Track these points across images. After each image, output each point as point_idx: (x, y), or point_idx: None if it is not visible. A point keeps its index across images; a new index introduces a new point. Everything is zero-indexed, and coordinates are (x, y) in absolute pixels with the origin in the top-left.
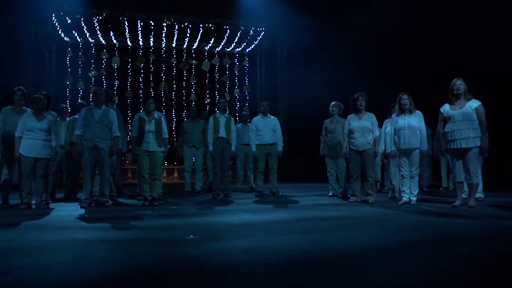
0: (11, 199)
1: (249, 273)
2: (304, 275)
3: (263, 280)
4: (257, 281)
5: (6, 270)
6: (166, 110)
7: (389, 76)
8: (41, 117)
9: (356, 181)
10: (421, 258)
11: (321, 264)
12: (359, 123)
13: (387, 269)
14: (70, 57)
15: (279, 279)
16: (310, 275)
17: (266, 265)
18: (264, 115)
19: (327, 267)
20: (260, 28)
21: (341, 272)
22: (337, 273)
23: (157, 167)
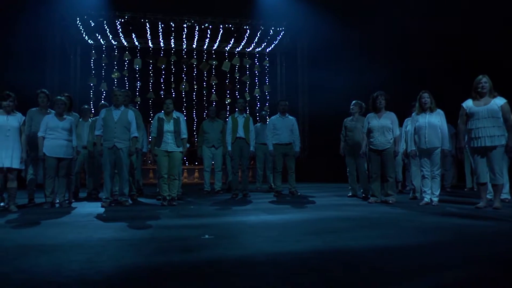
0: (37, 197)
1: (261, 273)
2: (316, 276)
3: (274, 280)
4: (269, 281)
5: (23, 267)
6: (187, 110)
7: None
8: (62, 118)
9: (376, 181)
10: (441, 261)
11: (334, 265)
12: (379, 122)
13: (403, 272)
14: (94, 59)
15: (291, 280)
16: (323, 276)
17: (279, 266)
18: (282, 114)
19: (341, 268)
20: (280, 27)
21: (354, 273)
22: (350, 274)
23: (175, 167)
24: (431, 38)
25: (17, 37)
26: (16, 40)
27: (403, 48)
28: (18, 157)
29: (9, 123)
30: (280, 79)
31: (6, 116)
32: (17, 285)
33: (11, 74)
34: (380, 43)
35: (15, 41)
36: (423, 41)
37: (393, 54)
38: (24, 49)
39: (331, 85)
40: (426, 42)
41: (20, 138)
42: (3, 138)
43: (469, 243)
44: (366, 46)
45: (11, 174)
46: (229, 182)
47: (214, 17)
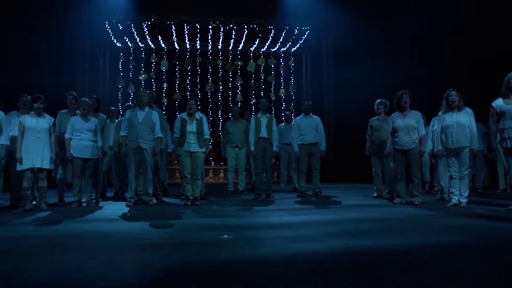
0: (66, 197)
1: (277, 274)
2: (332, 278)
3: (290, 282)
4: (284, 283)
5: (48, 263)
6: (213, 111)
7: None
8: (87, 119)
9: (401, 181)
10: (467, 266)
11: (352, 268)
12: (404, 122)
13: (424, 276)
14: (122, 62)
15: (307, 281)
16: (339, 278)
17: (295, 267)
18: (306, 114)
19: (358, 271)
20: (305, 27)
21: (372, 277)
22: (367, 277)
23: (198, 167)
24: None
25: (50, 41)
26: (49, 44)
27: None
28: (48, 157)
29: (39, 125)
30: (305, 78)
31: (37, 118)
32: (40, 281)
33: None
34: (407, 40)
35: (48, 45)
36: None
37: (420, 52)
38: (56, 53)
39: (357, 84)
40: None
41: (50, 139)
42: (34, 140)
43: (497, 247)
44: (392, 44)
45: (42, 174)
46: (253, 182)
47: (239, 18)
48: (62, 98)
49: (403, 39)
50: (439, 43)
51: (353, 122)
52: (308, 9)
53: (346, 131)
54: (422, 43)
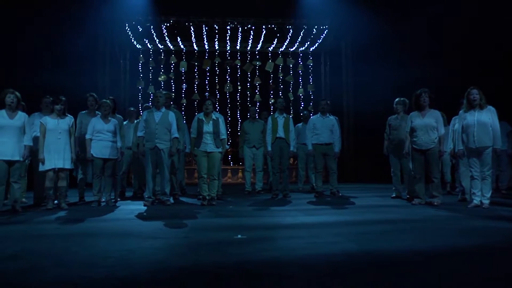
0: (86, 196)
1: (287, 275)
2: (344, 280)
3: (300, 283)
4: (295, 283)
5: (63, 261)
6: (231, 111)
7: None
8: (107, 120)
9: (420, 182)
10: (488, 270)
11: (365, 270)
12: (422, 121)
13: (440, 281)
14: (142, 63)
15: (318, 283)
16: (351, 280)
17: (307, 268)
18: (322, 114)
19: (371, 273)
20: (323, 26)
21: (385, 279)
22: (380, 280)
23: (214, 167)
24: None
25: (71, 43)
26: (70, 46)
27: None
28: (69, 158)
29: (60, 126)
30: (324, 78)
31: (58, 120)
32: (53, 279)
33: (66, 78)
34: (426, 38)
35: (70, 47)
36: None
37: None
38: (78, 55)
39: (376, 83)
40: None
41: (70, 140)
42: (54, 141)
43: None
44: (412, 42)
45: (62, 174)
46: (270, 182)
47: (257, 18)
48: (84, 99)
49: (423, 36)
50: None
51: (372, 121)
52: (327, 8)
53: (365, 131)
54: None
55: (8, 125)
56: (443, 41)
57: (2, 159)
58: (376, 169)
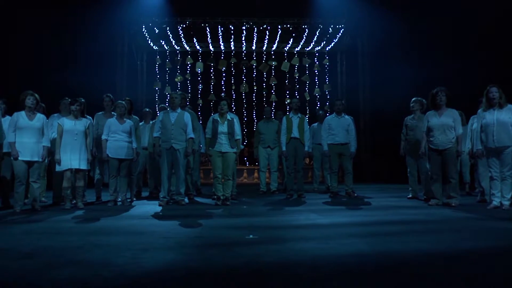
0: (103, 196)
1: (296, 275)
2: (352, 281)
3: (308, 284)
4: (302, 284)
5: (77, 259)
6: (247, 111)
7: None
8: (123, 121)
9: (437, 182)
10: (502, 274)
11: (375, 272)
12: (439, 120)
13: (454, 285)
14: (159, 65)
15: (326, 284)
16: (360, 281)
17: (316, 269)
18: (338, 114)
19: (381, 275)
20: (339, 25)
21: (395, 282)
22: (389, 282)
23: (229, 168)
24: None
25: (89, 46)
26: (88, 48)
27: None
28: (86, 158)
29: (77, 127)
30: (340, 77)
31: (74, 121)
32: (67, 276)
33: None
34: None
35: (87, 50)
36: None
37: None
38: (96, 57)
39: (393, 82)
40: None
41: (86, 140)
42: (71, 141)
43: None
44: (430, 40)
45: (79, 174)
46: (285, 182)
47: (272, 18)
48: (101, 100)
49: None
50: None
51: (389, 121)
52: (342, 7)
53: (382, 130)
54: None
55: (28, 126)
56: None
57: (22, 159)
58: (393, 170)
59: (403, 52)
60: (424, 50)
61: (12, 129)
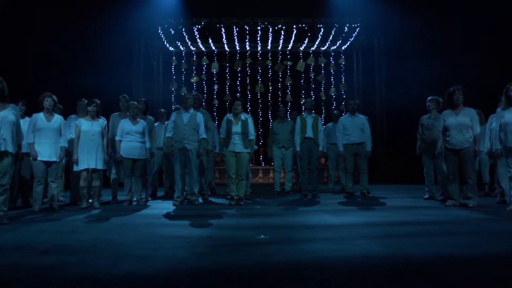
0: (119, 195)
1: (306, 276)
2: (361, 282)
3: (317, 284)
4: (311, 285)
5: (88, 258)
6: (263, 111)
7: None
8: (136, 121)
9: (453, 183)
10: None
11: (384, 273)
12: (456, 120)
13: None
14: (175, 65)
15: (334, 284)
16: (368, 283)
17: (326, 270)
18: (352, 114)
19: (390, 277)
20: (355, 24)
21: (405, 283)
22: (401, 284)
23: (243, 168)
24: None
25: (106, 47)
26: (105, 50)
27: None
28: (101, 158)
29: (93, 128)
30: (356, 76)
31: (91, 122)
32: (79, 274)
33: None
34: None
35: (104, 51)
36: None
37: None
38: (112, 59)
39: (410, 80)
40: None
41: (102, 141)
42: (88, 142)
43: None
44: (447, 38)
45: (95, 174)
46: (300, 182)
47: (287, 18)
48: (117, 101)
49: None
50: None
51: (406, 120)
52: (358, 6)
53: (399, 130)
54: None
55: (46, 127)
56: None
57: (40, 159)
58: (410, 169)
59: (419, 50)
60: (441, 47)
61: (31, 130)
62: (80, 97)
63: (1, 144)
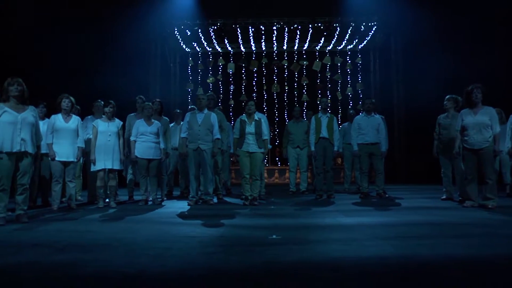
0: (135, 195)
1: (315, 276)
2: (371, 284)
3: (327, 285)
4: (321, 285)
5: (102, 257)
6: (279, 111)
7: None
8: (150, 122)
9: (472, 183)
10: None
11: (396, 275)
12: (474, 119)
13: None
14: (191, 66)
15: (344, 285)
16: (379, 284)
17: (337, 270)
18: (367, 113)
19: (402, 279)
20: (371, 23)
21: (417, 285)
22: (412, 286)
23: (257, 168)
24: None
25: (123, 49)
26: (122, 52)
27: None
28: (118, 159)
29: (110, 129)
30: (373, 76)
31: (108, 122)
32: (91, 273)
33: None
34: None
35: (121, 53)
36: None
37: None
38: (129, 60)
39: (428, 79)
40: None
41: (119, 141)
42: (105, 142)
43: None
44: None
45: (112, 174)
46: (315, 182)
47: (303, 17)
48: (133, 101)
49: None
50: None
51: (425, 119)
52: (374, 4)
53: (417, 129)
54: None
55: (64, 128)
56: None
57: (58, 159)
58: (428, 169)
59: (438, 48)
60: (461, 45)
61: (49, 131)
62: (98, 98)
63: (21, 144)
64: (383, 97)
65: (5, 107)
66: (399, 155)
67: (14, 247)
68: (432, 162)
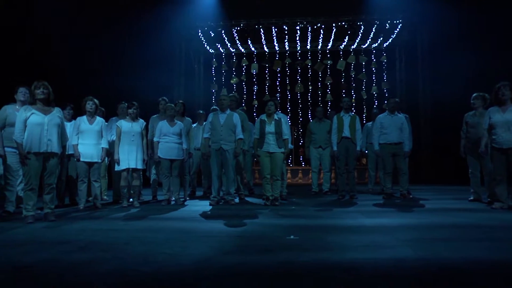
0: (159, 195)
1: (331, 277)
2: (387, 286)
3: (341, 286)
4: (335, 286)
5: (121, 255)
6: (302, 111)
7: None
8: (173, 123)
9: (501, 184)
10: None
11: (413, 279)
12: (503, 117)
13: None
14: (215, 67)
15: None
16: (396, 287)
17: (353, 272)
18: (391, 112)
19: (421, 281)
20: (396, 20)
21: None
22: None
23: (277, 168)
24: None
25: (148, 51)
26: (147, 54)
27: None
28: (141, 159)
29: (133, 129)
30: (399, 74)
31: (131, 123)
32: (108, 270)
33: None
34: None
35: (146, 55)
36: None
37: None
38: (154, 62)
39: (455, 77)
40: None
41: (142, 142)
42: (128, 142)
43: None
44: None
45: (135, 173)
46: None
47: (326, 17)
48: (156, 103)
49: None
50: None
51: (451, 118)
52: (399, 1)
53: (444, 128)
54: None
55: (88, 129)
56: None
57: (83, 160)
58: (456, 169)
59: (463, 45)
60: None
61: (75, 132)
62: (122, 99)
63: (48, 145)
64: (408, 96)
65: (33, 109)
66: (425, 154)
67: (38, 244)
68: (460, 161)
